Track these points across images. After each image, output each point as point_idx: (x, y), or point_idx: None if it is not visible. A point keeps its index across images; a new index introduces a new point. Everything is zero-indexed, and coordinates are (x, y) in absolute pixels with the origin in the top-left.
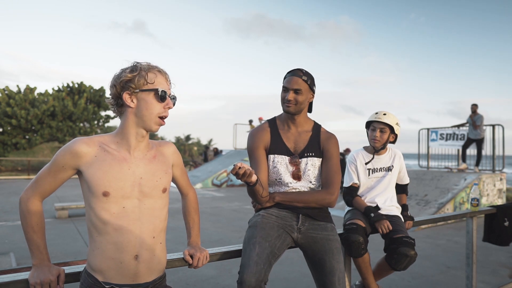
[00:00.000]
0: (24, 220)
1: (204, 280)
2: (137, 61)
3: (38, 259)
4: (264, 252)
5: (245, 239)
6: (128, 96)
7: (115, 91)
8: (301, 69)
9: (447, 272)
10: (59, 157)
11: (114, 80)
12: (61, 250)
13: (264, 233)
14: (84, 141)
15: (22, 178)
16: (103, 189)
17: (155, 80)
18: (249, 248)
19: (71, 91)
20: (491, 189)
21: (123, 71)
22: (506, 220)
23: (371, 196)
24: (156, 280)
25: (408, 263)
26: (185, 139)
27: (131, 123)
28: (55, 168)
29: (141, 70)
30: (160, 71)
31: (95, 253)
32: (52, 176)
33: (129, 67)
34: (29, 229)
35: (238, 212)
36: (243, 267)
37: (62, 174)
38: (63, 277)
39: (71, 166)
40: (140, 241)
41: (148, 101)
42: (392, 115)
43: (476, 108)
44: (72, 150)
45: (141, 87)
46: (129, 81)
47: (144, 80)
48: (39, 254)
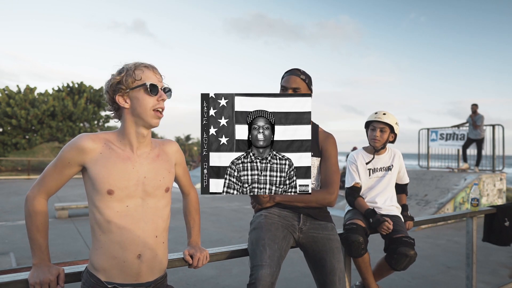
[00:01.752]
0: (29, 219)
1: (204, 280)
2: (125, 63)
3: (39, 258)
4: (275, 254)
5: (253, 241)
6: (121, 98)
7: (109, 96)
8: (298, 68)
9: (447, 272)
10: (64, 152)
11: (106, 86)
12: (61, 250)
13: (271, 235)
14: (90, 137)
15: (22, 178)
16: (107, 187)
17: (141, 76)
18: (259, 250)
19: (71, 91)
20: (491, 189)
21: (112, 76)
22: (506, 220)
23: (371, 195)
24: (158, 279)
25: (408, 263)
26: (185, 139)
27: (130, 123)
28: (61, 164)
29: (128, 70)
30: (146, 66)
31: (98, 252)
32: (57, 173)
33: (117, 70)
34: (33, 228)
35: (238, 212)
36: (256, 268)
37: (68, 171)
38: (63, 277)
39: (76, 162)
40: (143, 240)
41: (140, 98)
42: (391, 114)
43: (476, 108)
44: (78, 146)
45: (131, 85)
46: (118, 83)
47: (132, 79)
48: (40, 254)
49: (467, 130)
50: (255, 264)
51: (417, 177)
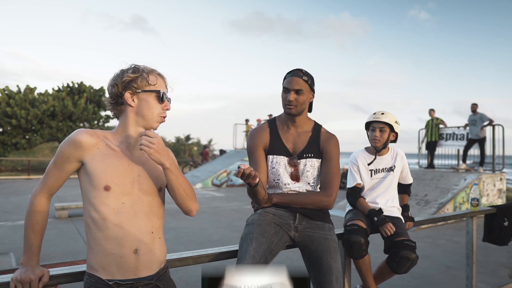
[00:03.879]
0: (27, 217)
1: None
2: (134, 64)
3: (27, 258)
4: (261, 247)
5: (242, 236)
6: (129, 96)
7: (116, 90)
8: (300, 69)
9: (447, 272)
10: (63, 148)
11: (115, 80)
12: (61, 250)
13: (261, 229)
14: (87, 132)
15: (22, 178)
16: (104, 183)
17: (156, 82)
18: (246, 243)
19: (71, 91)
20: (491, 189)
21: (124, 72)
22: (506, 220)
23: (372, 196)
24: (159, 272)
25: (409, 267)
26: (185, 139)
27: (131, 122)
28: (60, 160)
29: (142, 72)
30: (160, 74)
31: (95, 250)
32: (57, 169)
33: (130, 68)
34: (28, 227)
35: (238, 212)
36: (239, 260)
37: (67, 166)
38: (46, 280)
39: (75, 157)
40: (139, 236)
41: (149, 102)
42: (390, 114)
43: (476, 107)
44: (75, 140)
45: (143, 87)
46: (131, 81)
47: (146, 82)
48: (29, 254)
49: (466, 130)
50: (239, 256)
51: (417, 177)
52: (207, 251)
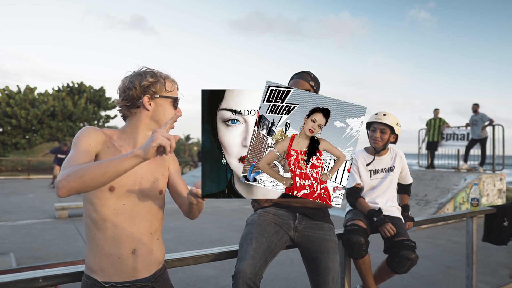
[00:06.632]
0: (79, 178)
1: (204, 280)
2: (147, 67)
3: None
4: (261, 247)
5: (242, 236)
6: (147, 100)
7: (133, 93)
8: (309, 72)
9: (447, 272)
10: (83, 136)
11: (133, 82)
12: (61, 250)
13: (261, 229)
14: (96, 129)
15: (22, 178)
16: (110, 184)
17: (173, 89)
18: (245, 243)
19: (71, 91)
20: (491, 189)
21: (142, 75)
22: (506, 220)
23: (372, 197)
24: (156, 273)
25: (409, 266)
26: (185, 139)
27: (143, 125)
28: (83, 146)
29: (160, 77)
30: (174, 81)
31: (93, 251)
32: (81, 152)
33: (147, 72)
34: (91, 168)
35: (238, 212)
36: (239, 260)
37: (91, 151)
38: (177, 137)
39: (96, 146)
40: (137, 236)
41: (165, 107)
42: (392, 115)
43: (477, 107)
44: (96, 131)
45: (161, 93)
46: (150, 85)
47: (163, 87)
48: (122, 155)
49: (467, 130)
50: (239, 256)
51: (417, 177)
52: (207, 251)
